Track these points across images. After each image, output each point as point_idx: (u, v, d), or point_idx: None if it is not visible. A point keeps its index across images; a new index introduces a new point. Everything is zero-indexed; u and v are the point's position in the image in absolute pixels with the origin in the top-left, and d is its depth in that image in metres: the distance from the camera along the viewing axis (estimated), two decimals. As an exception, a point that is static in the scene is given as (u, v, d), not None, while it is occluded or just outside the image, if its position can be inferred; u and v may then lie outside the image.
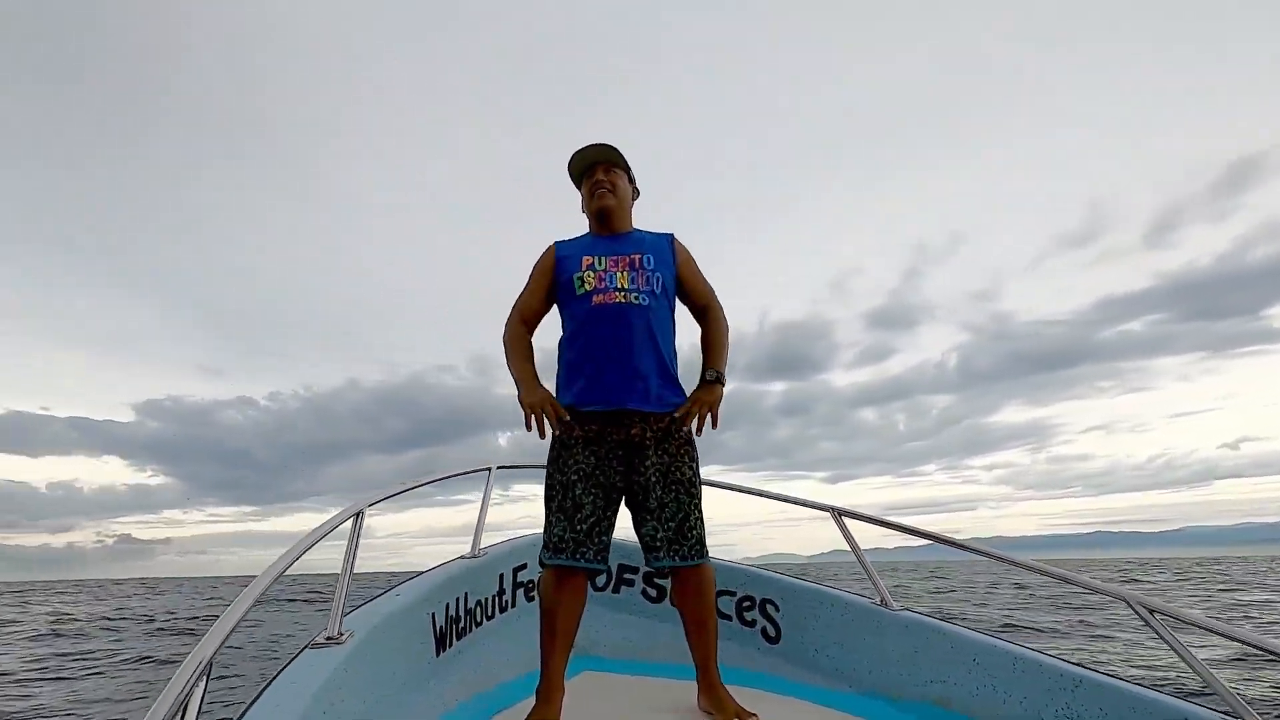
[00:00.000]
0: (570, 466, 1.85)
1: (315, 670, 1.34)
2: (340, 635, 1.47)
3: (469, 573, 2.23)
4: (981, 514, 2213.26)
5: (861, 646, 2.19)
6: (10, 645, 8.82)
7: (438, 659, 1.94)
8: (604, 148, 2.00)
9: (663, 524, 1.84)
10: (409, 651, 1.78)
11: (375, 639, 1.57)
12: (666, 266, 1.96)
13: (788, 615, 2.41)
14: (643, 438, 1.86)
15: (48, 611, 15.63)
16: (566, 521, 1.81)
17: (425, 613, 1.91)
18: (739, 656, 2.39)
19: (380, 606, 1.72)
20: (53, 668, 6.84)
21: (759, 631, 2.46)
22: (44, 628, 11.17)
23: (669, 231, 2.07)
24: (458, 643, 2.08)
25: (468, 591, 2.19)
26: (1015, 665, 1.82)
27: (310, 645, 1.42)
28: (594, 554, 1.81)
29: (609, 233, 2.01)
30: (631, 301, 1.86)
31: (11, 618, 13.67)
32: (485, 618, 2.30)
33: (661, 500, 1.84)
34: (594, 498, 1.82)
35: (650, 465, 1.85)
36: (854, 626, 2.22)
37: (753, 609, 2.49)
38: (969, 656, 1.93)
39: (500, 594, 2.42)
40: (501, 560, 2.45)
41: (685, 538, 1.83)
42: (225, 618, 1.29)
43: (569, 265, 1.95)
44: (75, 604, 19.46)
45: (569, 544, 1.80)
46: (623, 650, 2.54)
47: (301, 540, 1.46)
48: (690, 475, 1.88)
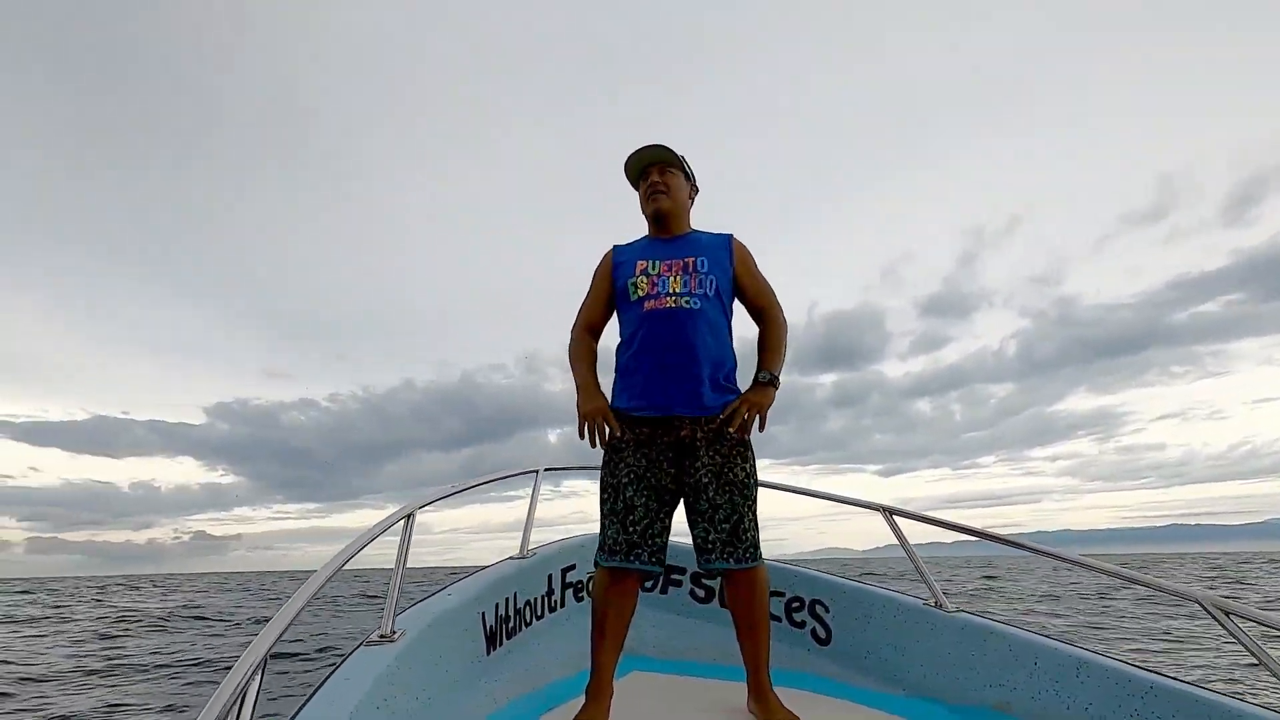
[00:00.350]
0: (621, 469, 1.86)
1: (369, 667, 1.38)
2: (393, 634, 1.51)
3: (519, 573, 2.27)
4: (1045, 507, 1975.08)
5: (915, 649, 2.13)
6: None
7: (488, 657, 1.98)
8: (658, 149, 1.99)
9: (715, 526, 1.82)
10: (460, 650, 1.82)
11: (427, 637, 1.61)
12: (722, 268, 1.94)
13: (838, 616, 2.37)
14: (693, 439, 1.84)
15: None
16: (619, 524, 1.82)
17: (476, 612, 1.95)
18: (789, 658, 2.36)
19: (432, 606, 1.76)
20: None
21: (809, 633, 2.42)
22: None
23: (728, 232, 2.05)
24: (508, 642, 2.11)
25: (517, 591, 2.22)
26: (1080, 669, 1.74)
27: (364, 643, 1.47)
28: (648, 556, 1.81)
29: (666, 235, 2.01)
30: (683, 305, 1.86)
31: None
32: (535, 617, 2.33)
33: (714, 502, 1.82)
34: (646, 499, 1.82)
35: (701, 466, 1.83)
36: (907, 628, 2.17)
37: (802, 610, 2.45)
38: (1030, 659, 1.86)
39: (549, 594, 2.45)
40: (551, 561, 2.48)
41: (739, 540, 1.81)
42: (281, 614, 1.34)
43: (624, 270, 1.96)
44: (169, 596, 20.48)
45: (622, 546, 1.81)
46: (671, 650, 2.53)
47: (355, 541, 1.51)
48: (744, 476, 1.85)
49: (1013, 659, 1.89)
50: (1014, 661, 1.88)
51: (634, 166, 2.03)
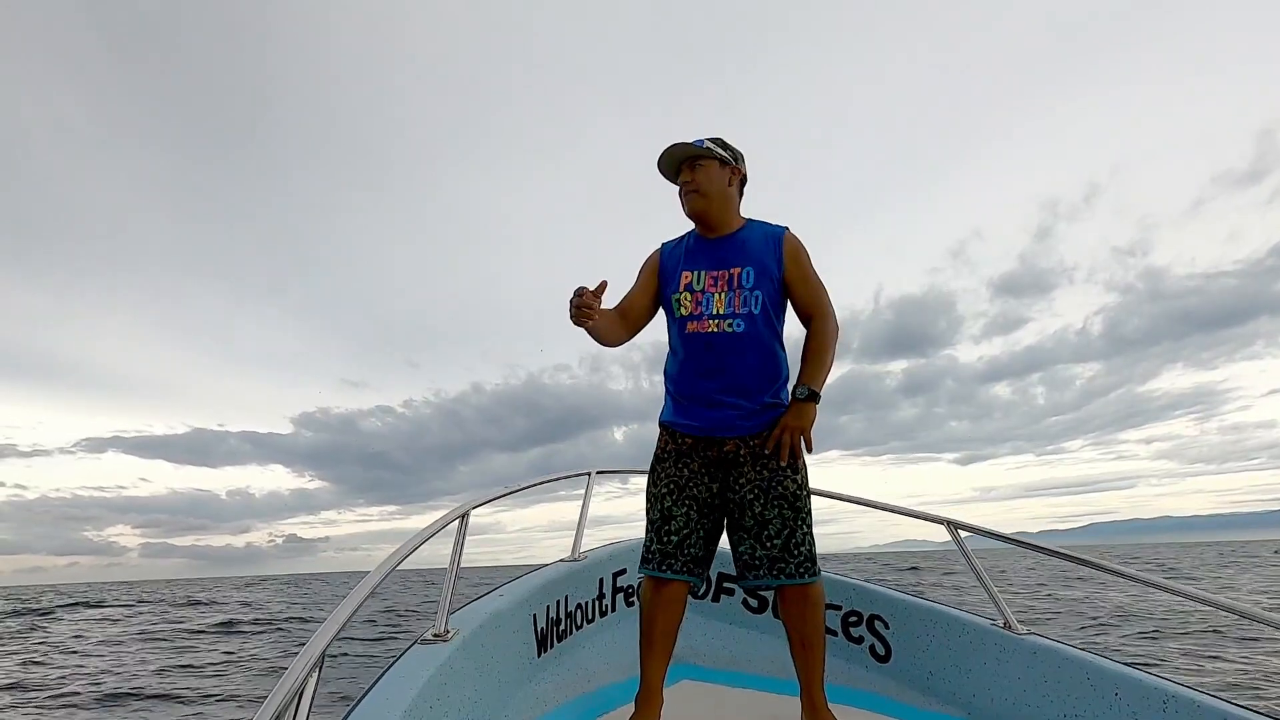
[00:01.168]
0: (662, 479, 1.85)
1: (423, 665, 1.40)
2: (447, 633, 1.53)
3: (570, 576, 2.27)
4: (1141, 492, 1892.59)
5: (982, 671, 2.02)
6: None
7: (539, 659, 1.98)
8: (680, 146, 1.88)
9: (763, 543, 1.77)
10: (511, 650, 1.83)
11: (480, 637, 1.62)
12: (769, 277, 1.83)
13: (898, 633, 2.27)
14: (737, 454, 1.81)
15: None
16: (654, 533, 1.82)
17: (527, 613, 1.96)
18: (845, 674, 2.28)
19: (484, 606, 1.78)
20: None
21: (867, 649, 2.34)
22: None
23: (783, 225, 1.92)
24: (558, 644, 2.12)
25: (568, 595, 2.23)
26: (1167, 703, 1.61)
27: (419, 641, 1.49)
28: (681, 566, 1.78)
29: (711, 234, 1.91)
30: (725, 330, 1.80)
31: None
32: (585, 621, 2.33)
33: (762, 517, 1.77)
34: (686, 509, 1.80)
35: (746, 482, 1.79)
36: (973, 649, 2.06)
37: (860, 625, 2.37)
38: (1109, 689, 1.73)
39: (600, 598, 2.45)
40: (601, 565, 2.48)
41: (791, 555, 1.76)
42: (338, 612, 1.37)
43: (669, 279, 1.90)
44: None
45: (655, 555, 1.80)
46: (722, 660, 2.49)
47: (410, 540, 1.53)
48: (795, 489, 1.79)
49: (1090, 689, 1.77)
50: (1092, 692, 1.76)
51: (665, 169, 1.94)
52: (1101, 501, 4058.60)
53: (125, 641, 10.55)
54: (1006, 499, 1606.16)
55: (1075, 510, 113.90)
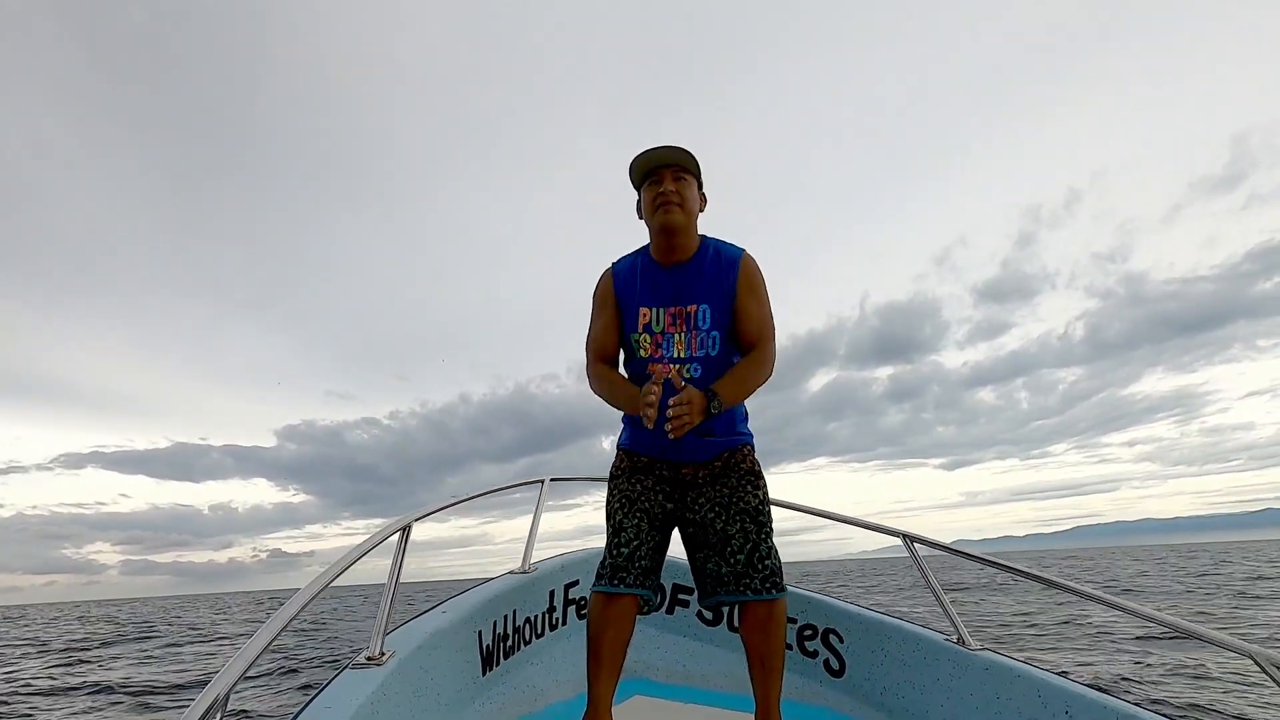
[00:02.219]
0: (614, 494, 1.80)
1: (353, 692, 1.30)
2: (381, 655, 1.42)
3: (518, 589, 2.17)
4: (1124, 495, 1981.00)
5: (935, 688, 2.01)
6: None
7: (484, 678, 1.89)
8: (676, 150, 1.77)
9: (727, 559, 1.73)
10: (453, 671, 1.73)
11: (418, 658, 1.52)
12: (723, 311, 1.77)
13: (853, 648, 2.25)
14: (695, 476, 1.77)
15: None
16: (607, 549, 1.76)
17: (472, 630, 1.86)
18: (799, 689, 2.25)
19: (424, 624, 1.67)
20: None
21: (821, 663, 2.30)
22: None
23: (740, 248, 1.81)
24: (505, 661, 2.02)
25: (516, 609, 2.13)
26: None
27: (350, 665, 1.38)
28: (633, 579, 1.73)
29: (668, 260, 1.78)
30: (684, 374, 1.76)
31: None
32: (535, 635, 2.24)
33: (724, 533, 1.74)
34: (636, 521, 1.75)
35: (706, 500, 1.76)
36: (927, 665, 2.04)
37: (814, 638, 2.33)
38: (1060, 707, 1.73)
39: (550, 611, 2.36)
40: (552, 576, 2.39)
41: (756, 569, 1.73)
42: (246, 649, 1.26)
43: (627, 315, 1.78)
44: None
45: (607, 570, 1.74)
46: (676, 675, 2.43)
47: (341, 559, 1.43)
48: (756, 504, 1.75)
49: (1041, 706, 1.76)
50: (1043, 709, 1.76)
51: (642, 167, 1.78)
52: (1086, 504, 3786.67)
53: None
54: (992, 503, 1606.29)
55: (1060, 513, 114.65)
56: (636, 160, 1.79)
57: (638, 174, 1.80)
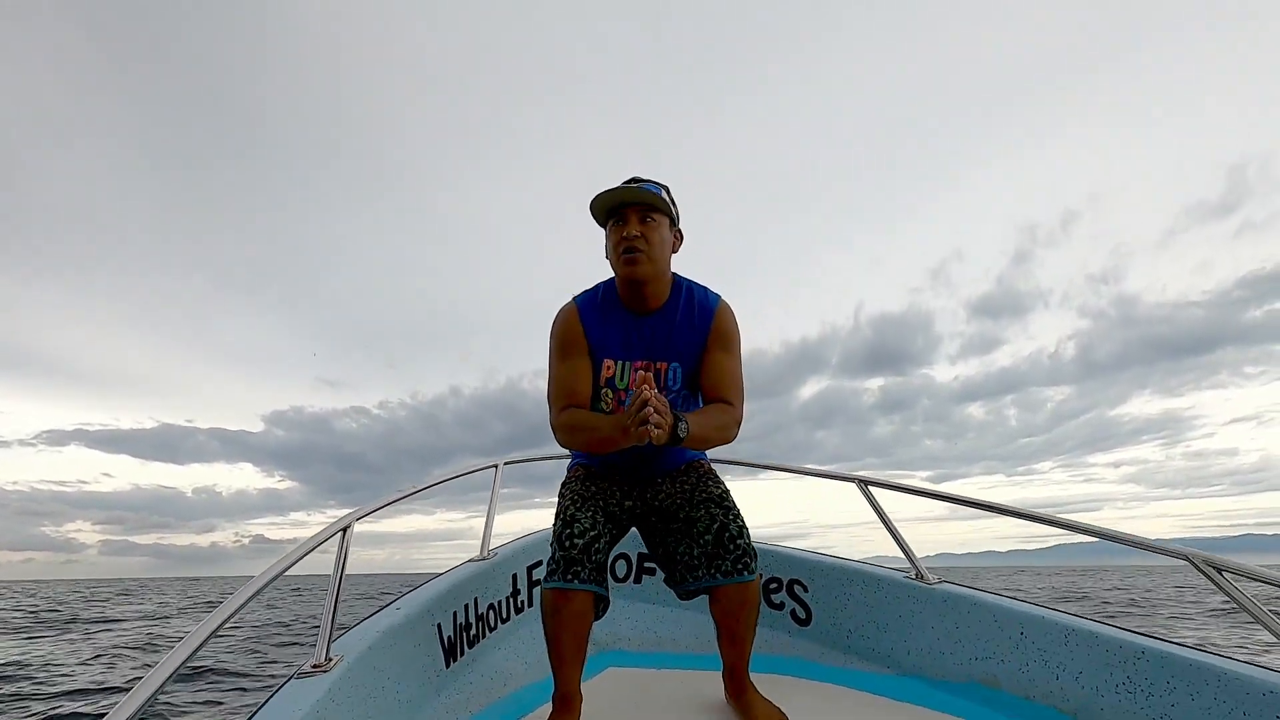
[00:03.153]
0: (568, 493, 1.73)
1: (296, 703, 1.24)
2: (328, 661, 1.36)
3: (478, 576, 2.12)
4: (1107, 515, 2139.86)
5: (897, 625, 2.05)
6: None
7: (448, 670, 1.84)
8: (640, 190, 1.54)
9: (696, 539, 1.65)
10: (411, 668, 1.68)
11: (368, 661, 1.47)
12: (695, 373, 1.66)
13: (817, 595, 2.28)
14: (651, 475, 1.79)
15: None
16: (558, 541, 1.61)
17: (429, 624, 1.81)
18: (768, 642, 2.27)
19: (375, 625, 1.61)
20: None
21: (788, 614, 2.33)
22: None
23: (716, 294, 1.67)
24: (470, 651, 1.98)
25: (478, 596, 2.08)
26: (1068, 637, 1.66)
27: (296, 675, 1.32)
28: (588, 574, 1.57)
29: (638, 308, 1.63)
30: (651, 435, 1.43)
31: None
32: (500, 620, 2.20)
33: (689, 518, 1.69)
34: (591, 513, 1.64)
35: (667, 494, 1.74)
36: (888, 604, 2.08)
37: (780, 591, 2.36)
38: (1015, 630, 1.78)
39: (515, 594, 2.32)
40: (513, 559, 2.34)
41: (727, 549, 1.60)
42: (173, 655, 1.17)
43: (594, 362, 1.65)
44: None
45: (559, 564, 1.56)
46: (648, 643, 2.43)
47: (281, 560, 1.35)
48: (720, 492, 1.72)
49: (998, 630, 1.81)
50: (999, 633, 1.80)
51: (603, 206, 1.59)
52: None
53: None
54: (976, 518, 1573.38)
55: (1044, 531, 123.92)
56: (597, 199, 1.59)
57: (599, 213, 1.63)
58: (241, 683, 5.67)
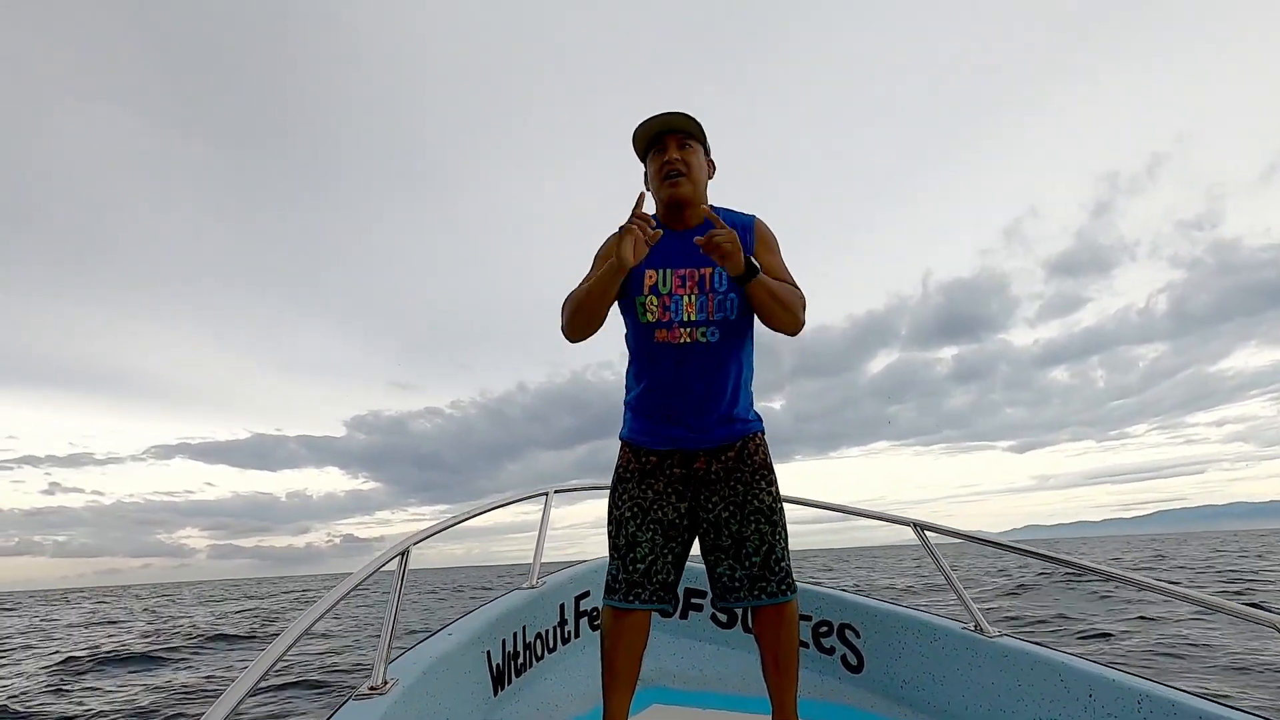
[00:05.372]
0: (624, 501, 1.70)
1: None
2: (384, 684, 1.40)
3: (528, 604, 2.15)
4: (1212, 477, 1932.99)
5: (955, 678, 1.97)
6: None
7: (495, 698, 1.86)
8: (680, 116, 1.64)
9: (742, 562, 1.66)
10: (463, 693, 1.71)
11: (424, 684, 1.50)
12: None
13: (870, 642, 2.21)
14: (708, 471, 1.69)
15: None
16: (620, 560, 1.68)
17: (480, 651, 1.84)
18: (817, 687, 2.21)
19: (429, 649, 1.65)
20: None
21: (838, 659, 2.27)
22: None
23: (751, 214, 1.73)
24: (517, 679, 2.00)
25: (526, 625, 2.11)
26: (1142, 703, 1.57)
27: (353, 697, 1.36)
28: (649, 594, 1.65)
29: (680, 225, 1.69)
30: (698, 339, 1.62)
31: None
32: (547, 650, 2.21)
33: (739, 535, 1.66)
34: (651, 534, 1.66)
35: (720, 499, 1.68)
36: (945, 656, 2.01)
37: (831, 635, 2.30)
38: (1083, 691, 1.69)
39: (562, 624, 2.33)
40: (562, 589, 2.36)
41: (772, 572, 1.65)
42: (235, 687, 1.23)
43: (632, 279, 1.65)
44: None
45: (622, 585, 1.66)
46: (693, 681, 2.40)
47: (340, 585, 1.41)
48: (770, 501, 1.70)
49: (1064, 690, 1.72)
50: (1065, 693, 1.72)
51: (645, 135, 1.67)
52: (1170, 487, 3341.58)
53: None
54: (1066, 487, 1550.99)
55: (1141, 497, 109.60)
56: (639, 129, 1.68)
57: (641, 143, 1.70)
58: (289, 693, 5.79)
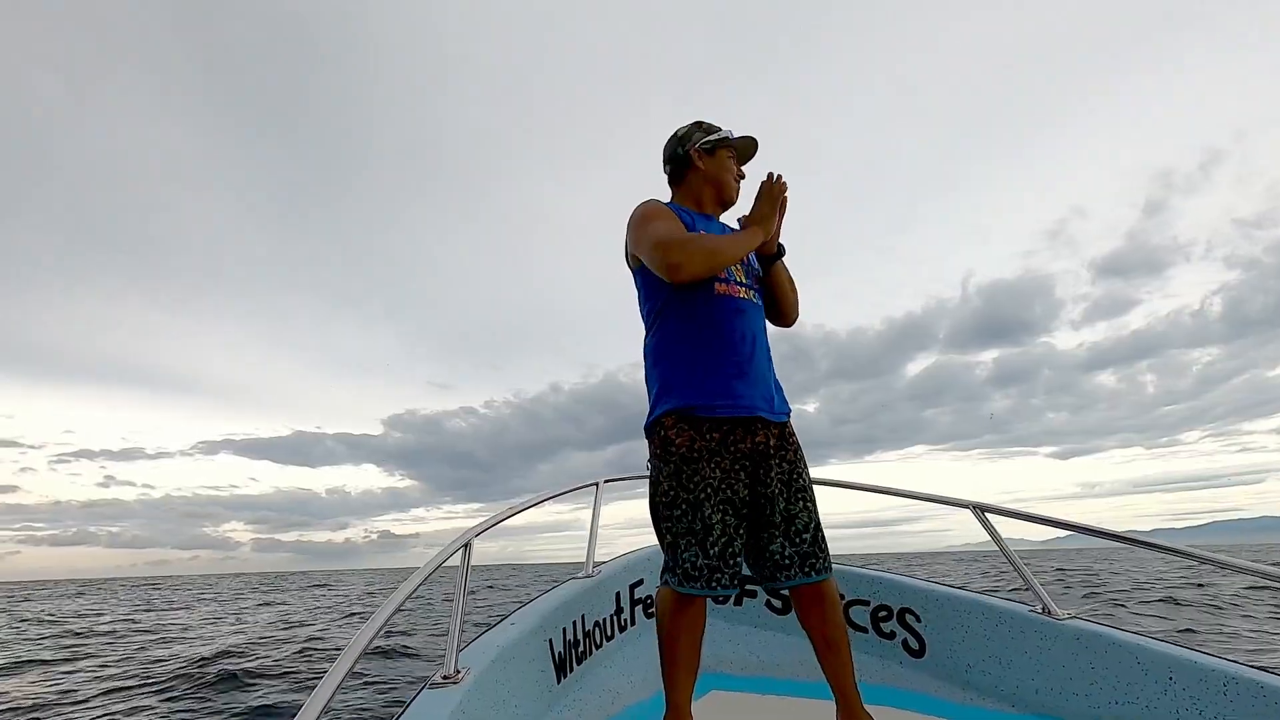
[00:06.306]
0: (697, 483, 1.62)
1: (433, 712, 1.31)
2: (457, 673, 1.43)
3: (585, 593, 2.17)
4: (1271, 487, 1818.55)
5: (1023, 661, 1.93)
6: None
7: (558, 686, 1.89)
8: (756, 151, 1.95)
9: (792, 539, 1.66)
10: (528, 682, 1.74)
11: (493, 673, 1.53)
12: (754, 265, 1.85)
13: (931, 626, 2.18)
14: (767, 444, 1.68)
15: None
16: (698, 546, 1.59)
17: (543, 639, 1.87)
18: (878, 671, 2.19)
19: (495, 638, 1.68)
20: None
21: (899, 644, 2.24)
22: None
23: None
24: (578, 667, 2.02)
25: (584, 613, 2.13)
26: (1228, 686, 1.51)
27: (427, 686, 1.40)
28: (729, 578, 1.61)
29: (714, 219, 1.88)
30: (751, 300, 1.76)
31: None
32: (605, 639, 2.24)
33: (788, 512, 1.67)
34: (723, 515, 1.63)
35: (774, 476, 1.68)
36: (1012, 639, 1.97)
37: (890, 619, 2.27)
38: (1162, 674, 1.64)
39: (618, 612, 2.36)
40: (617, 578, 2.38)
41: (820, 550, 1.67)
42: (321, 688, 1.27)
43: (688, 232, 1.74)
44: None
45: (703, 571, 1.58)
46: (751, 667, 2.40)
47: (408, 581, 1.44)
48: (809, 480, 1.73)
49: (1141, 673, 1.67)
50: (1142, 676, 1.66)
51: (745, 146, 1.92)
52: (1225, 497, 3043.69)
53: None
54: (1113, 495, 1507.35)
55: (1194, 507, 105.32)
56: (747, 140, 1.91)
57: (738, 149, 1.91)
58: (351, 682, 5.93)
